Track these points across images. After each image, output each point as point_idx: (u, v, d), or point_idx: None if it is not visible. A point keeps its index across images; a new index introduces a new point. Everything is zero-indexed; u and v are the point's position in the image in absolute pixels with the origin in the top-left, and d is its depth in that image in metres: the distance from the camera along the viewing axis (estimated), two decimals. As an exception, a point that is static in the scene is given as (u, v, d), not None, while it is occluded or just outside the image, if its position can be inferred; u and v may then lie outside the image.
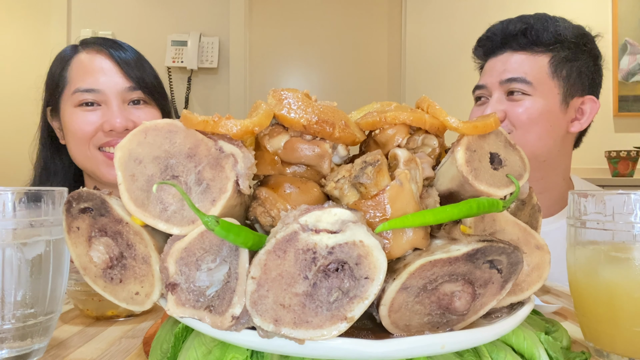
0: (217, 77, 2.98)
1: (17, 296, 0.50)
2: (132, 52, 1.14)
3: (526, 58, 1.13)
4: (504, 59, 1.15)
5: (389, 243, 0.39)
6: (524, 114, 1.11)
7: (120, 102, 1.08)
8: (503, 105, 1.13)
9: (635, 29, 2.88)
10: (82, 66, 1.10)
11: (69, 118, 1.09)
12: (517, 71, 1.12)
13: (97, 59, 1.10)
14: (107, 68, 1.09)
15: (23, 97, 2.93)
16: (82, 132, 1.07)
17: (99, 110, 1.08)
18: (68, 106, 1.10)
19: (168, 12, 2.98)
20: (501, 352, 0.43)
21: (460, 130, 0.45)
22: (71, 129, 1.09)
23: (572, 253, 0.56)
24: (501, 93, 1.14)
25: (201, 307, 0.38)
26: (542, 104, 1.12)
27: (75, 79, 1.09)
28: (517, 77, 1.12)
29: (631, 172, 2.65)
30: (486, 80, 1.17)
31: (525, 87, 1.12)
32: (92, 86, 1.07)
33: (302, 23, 3.05)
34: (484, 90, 1.19)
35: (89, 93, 1.07)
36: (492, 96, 1.15)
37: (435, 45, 2.96)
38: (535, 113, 1.11)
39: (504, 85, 1.13)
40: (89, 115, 1.07)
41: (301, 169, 0.46)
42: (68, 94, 1.10)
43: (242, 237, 0.36)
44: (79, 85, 1.08)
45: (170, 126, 0.42)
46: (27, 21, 2.97)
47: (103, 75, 1.08)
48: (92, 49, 1.12)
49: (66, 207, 0.43)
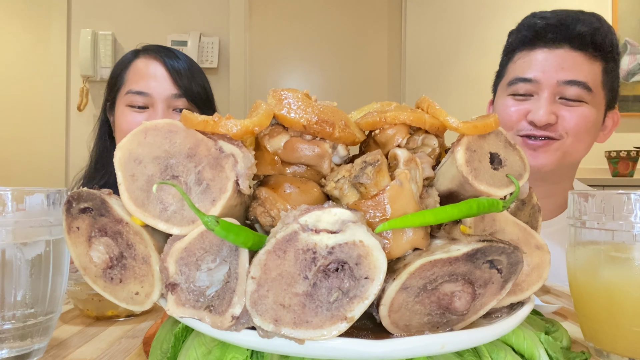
0: (217, 77, 2.98)
1: (17, 296, 0.50)
2: (185, 61, 1.24)
3: (585, 60, 1.02)
4: (562, 55, 1.01)
5: (389, 243, 0.39)
6: (580, 121, 1.01)
7: (165, 107, 1.18)
8: (556, 109, 1.02)
9: (635, 29, 2.88)
10: (138, 70, 1.22)
11: (119, 115, 1.22)
12: (579, 74, 1.01)
13: (152, 65, 1.21)
14: (159, 74, 1.20)
15: (23, 97, 2.94)
16: (128, 131, 1.16)
17: (146, 113, 1.18)
18: (121, 104, 1.22)
19: (168, 12, 2.98)
20: (501, 352, 0.43)
21: (460, 130, 0.45)
22: (119, 126, 1.21)
23: (572, 253, 0.56)
24: (553, 94, 1.02)
25: (201, 307, 0.38)
26: (595, 114, 1.03)
27: (130, 81, 1.22)
28: (581, 82, 1.00)
29: (631, 172, 2.65)
30: (537, 75, 1.02)
31: (584, 94, 1.01)
32: (142, 89, 1.18)
33: (302, 23, 3.05)
34: (532, 85, 1.03)
35: (138, 95, 1.18)
36: (542, 94, 1.02)
37: (435, 45, 2.96)
38: (590, 122, 1.02)
39: (561, 87, 1.01)
40: (136, 116, 1.19)
41: (301, 169, 0.46)
42: (122, 94, 1.22)
43: (242, 237, 0.36)
44: (132, 87, 1.20)
45: (170, 126, 0.42)
46: (27, 21, 2.96)
47: (154, 80, 1.19)
48: (149, 55, 1.23)
49: (66, 207, 0.43)
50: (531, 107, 1.03)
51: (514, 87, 1.06)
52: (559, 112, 1.01)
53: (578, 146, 1.04)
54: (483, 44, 2.87)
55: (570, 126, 1.01)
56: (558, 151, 1.04)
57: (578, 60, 1.01)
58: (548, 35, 1.03)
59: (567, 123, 1.01)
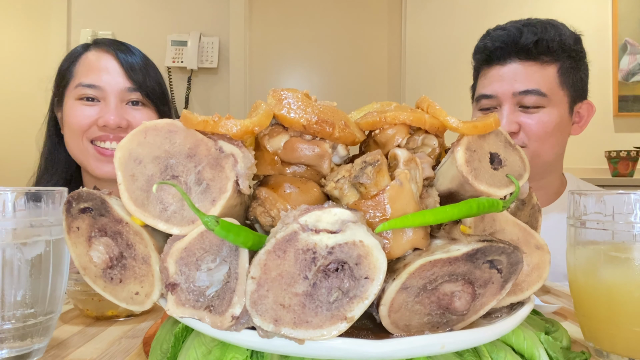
0: (217, 77, 2.98)
1: (17, 296, 0.50)
2: (139, 56, 1.20)
3: (537, 69, 1.10)
4: (513, 68, 1.11)
5: (389, 243, 0.39)
6: (540, 126, 1.09)
7: (118, 101, 1.13)
8: (517, 117, 1.10)
9: (635, 29, 2.88)
10: (89, 63, 1.16)
11: (68, 110, 1.15)
12: (530, 83, 1.09)
13: (104, 59, 1.16)
14: (111, 68, 1.14)
15: (23, 96, 2.94)
16: (78, 124, 1.12)
17: (97, 106, 1.13)
18: (70, 98, 1.16)
19: (168, 12, 2.98)
20: (501, 352, 0.43)
21: (460, 130, 0.45)
22: (69, 120, 1.15)
23: (572, 253, 0.56)
24: (513, 104, 1.11)
25: (201, 307, 0.38)
26: (555, 115, 1.10)
27: (80, 74, 1.16)
28: (533, 90, 1.09)
29: (631, 172, 2.65)
30: (496, 90, 1.13)
31: (540, 100, 1.09)
32: (93, 82, 1.13)
33: (302, 23, 3.05)
34: (493, 100, 1.14)
35: (89, 88, 1.13)
36: (503, 107, 1.12)
37: (435, 46, 2.96)
38: (551, 125, 1.10)
39: (518, 97, 1.10)
40: (86, 109, 1.13)
41: (301, 169, 0.46)
42: (72, 88, 1.16)
43: (242, 237, 0.36)
44: (82, 80, 1.14)
45: (170, 126, 0.42)
46: (26, 21, 2.96)
47: (106, 74, 1.14)
48: (101, 49, 1.18)
49: (66, 207, 0.43)
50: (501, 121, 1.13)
51: (480, 103, 1.18)
52: (520, 120, 1.11)
53: (544, 148, 1.12)
54: (483, 44, 2.87)
55: (532, 132, 1.10)
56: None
57: (529, 70, 1.11)
58: (497, 53, 1.14)
59: (529, 129, 1.10)
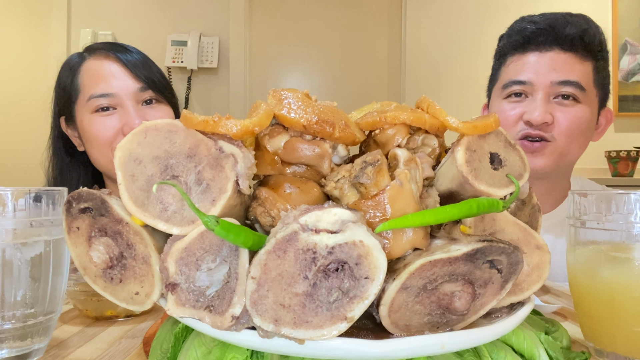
0: (217, 77, 2.98)
1: (17, 296, 0.50)
2: (138, 53, 1.16)
3: (576, 61, 1.04)
4: (553, 56, 1.04)
5: (389, 243, 0.39)
6: (574, 122, 1.03)
7: (134, 103, 1.10)
8: (551, 108, 1.04)
9: (635, 29, 2.88)
10: (93, 72, 1.11)
11: (87, 125, 1.10)
12: (571, 74, 1.03)
13: (106, 64, 1.11)
14: (117, 71, 1.11)
15: (23, 97, 2.94)
16: (104, 137, 1.09)
17: (115, 114, 1.09)
18: (84, 113, 1.11)
19: (168, 12, 2.98)
20: (501, 352, 0.43)
21: (460, 130, 0.45)
22: (92, 135, 1.10)
23: (572, 253, 0.56)
24: (548, 94, 1.04)
25: (201, 307, 0.38)
26: (589, 113, 1.05)
27: (88, 86, 1.11)
28: (573, 81, 1.03)
29: (631, 172, 2.65)
30: (531, 77, 1.05)
31: (578, 93, 1.03)
32: (106, 91, 1.09)
33: (302, 23, 3.05)
34: (526, 86, 1.06)
35: (103, 98, 1.08)
36: (536, 95, 1.04)
37: (435, 45, 2.96)
38: (584, 123, 1.05)
39: (555, 87, 1.03)
40: (107, 120, 1.09)
41: (301, 169, 0.46)
42: (82, 102, 1.11)
43: (242, 237, 0.36)
44: (93, 92, 1.09)
45: (170, 126, 0.42)
46: (26, 21, 2.96)
47: (114, 79, 1.10)
48: (99, 55, 1.13)
49: (66, 207, 0.43)
50: (526, 108, 1.06)
51: (508, 90, 1.09)
52: (554, 112, 1.04)
53: (573, 146, 1.06)
54: (483, 44, 2.87)
55: (563, 127, 1.04)
56: (554, 153, 1.06)
57: (569, 61, 1.04)
58: (538, 38, 1.06)
59: (561, 124, 1.04)
